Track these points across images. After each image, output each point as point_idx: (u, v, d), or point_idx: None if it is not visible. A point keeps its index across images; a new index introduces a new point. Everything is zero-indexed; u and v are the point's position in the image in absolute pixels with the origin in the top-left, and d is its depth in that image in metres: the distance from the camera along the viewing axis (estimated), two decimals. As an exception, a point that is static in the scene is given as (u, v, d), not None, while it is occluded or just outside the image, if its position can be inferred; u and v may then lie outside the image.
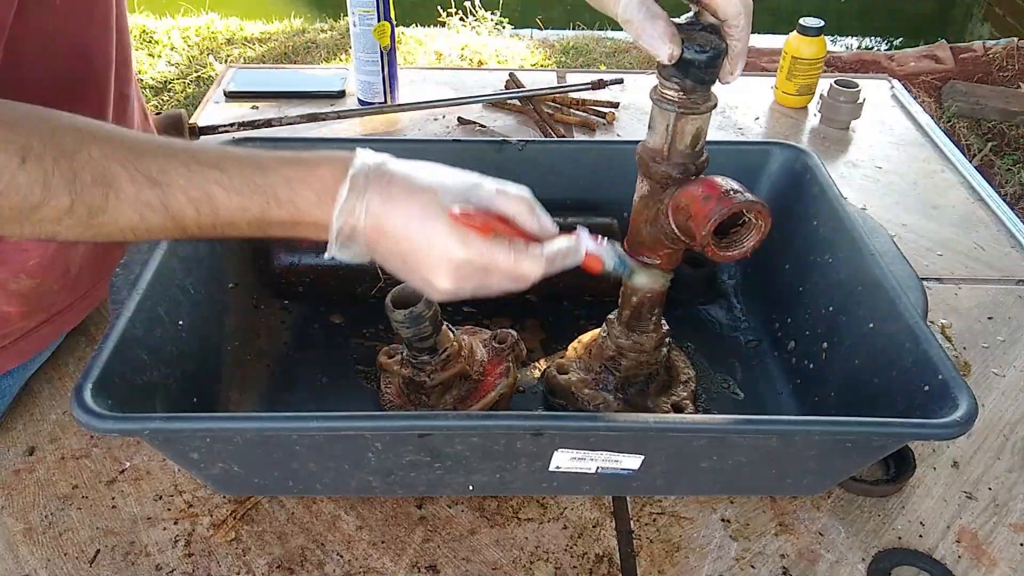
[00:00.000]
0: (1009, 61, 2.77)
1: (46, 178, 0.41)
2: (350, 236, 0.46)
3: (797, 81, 1.16)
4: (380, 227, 0.46)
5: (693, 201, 0.51)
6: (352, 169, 0.46)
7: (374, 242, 0.46)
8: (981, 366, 0.76)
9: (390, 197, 0.46)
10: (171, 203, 0.44)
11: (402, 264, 0.47)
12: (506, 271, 0.47)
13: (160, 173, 0.44)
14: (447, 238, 0.46)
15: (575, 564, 0.58)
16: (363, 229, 0.46)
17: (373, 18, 1.06)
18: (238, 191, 0.45)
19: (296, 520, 0.60)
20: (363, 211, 0.45)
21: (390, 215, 0.46)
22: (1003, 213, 0.97)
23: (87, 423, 0.48)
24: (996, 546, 0.60)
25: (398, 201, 0.46)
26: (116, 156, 0.43)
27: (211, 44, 2.99)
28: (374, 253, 0.48)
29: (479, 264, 0.46)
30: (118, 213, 0.44)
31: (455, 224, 0.46)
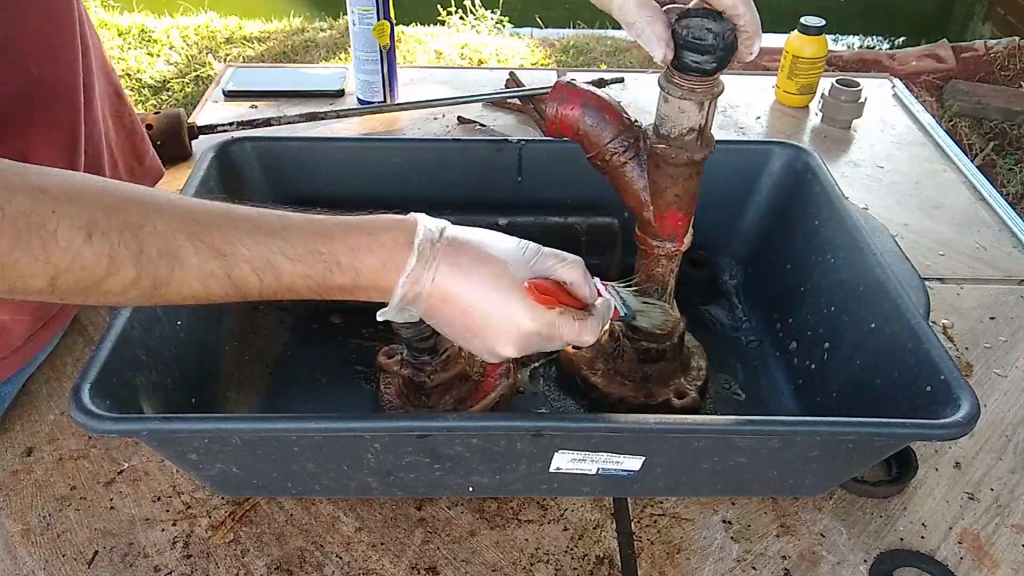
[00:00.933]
0: (1011, 60, 2.77)
1: (112, 252, 0.41)
2: (411, 302, 0.47)
3: (798, 80, 1.16)
4: (446, 295, 0.47)
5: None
6: (418, 238, 0.47)
7: (435, 309, 0.48)
8: (983, 366, 0.75)
9: (459, 266, 0.47)
10: (235, 273, 0.45)
11: (464, 332, 0.49)
12: (570, 340, 0.49)
13: (225, 244, 0.44)
14: (519, 311, 0.47)
15: (575, 566, 0.58)
16: (426, 296, 0.47)
17: (372, 17, 1.05)
18: (302, 259, 0.45)
19: (295, 521, 0.60)
20: (430, 280, 0.47)
21: (460, 284, 0.47)
22: (1005, 213, 0.97)
23: (85, 424, 0.48)
24: (998, 547, 0.60)
25: (469, 271, 0.47)
26: (181, 228, 0.44)
27: (210, 43, 2.98)
28: (432, 318, 0.49)
29: (546, 335, 0.48)
30: (182, 284, 0.44)
31: (526, 297, 0.47)
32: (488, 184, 0.79)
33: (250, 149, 0.77)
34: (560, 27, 3.32)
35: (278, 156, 0.78)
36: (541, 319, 0.48)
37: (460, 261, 0.47)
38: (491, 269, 0.47)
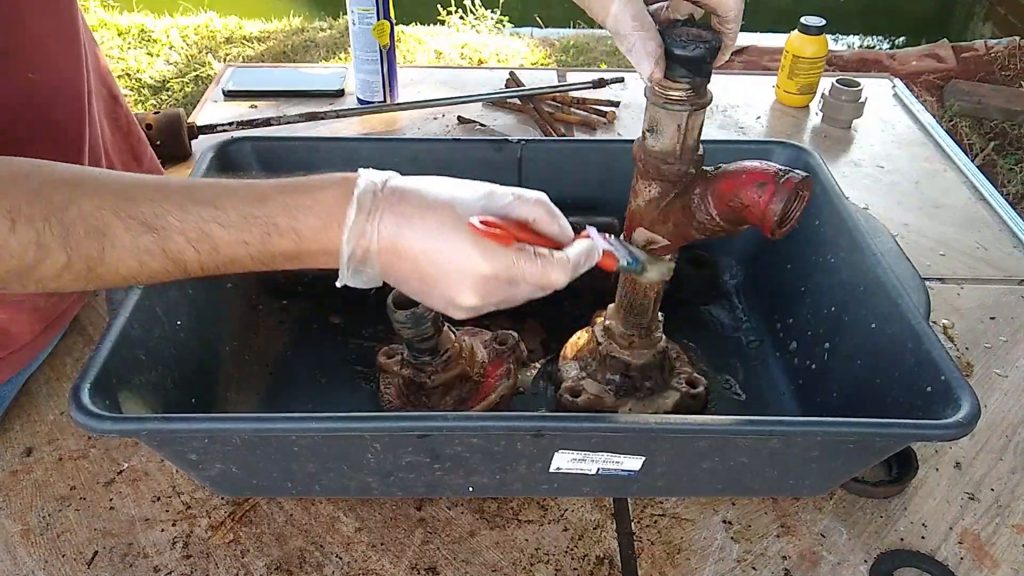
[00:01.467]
0: (1011, 60, 2.77)
1: (39, 239, 0.40)
2: (363, 260, 0.45)
3: (799, 80, 1.16)
4: (395, 248, 0.44)
5: (743, 189, 0.51)
6: (358, 189, 0.44)
7: (388, 264, 0.45)
8: (983, 367, 0.75)
9: (403, 215, 0.44)
10: (169, 247, 0.43)
11: (421, 285, 0.46)
12: (534, 281, 0.45)
13: (155, 217, 0.43)
14: (470, 252, 0.44)
15: (576, 566, 0.58)
16: (376, 252, 0.44)
17: (372, 17, 1.05)
18: (236, 226, 0.43)
19: (295, 522, 0.60)
20: (375, 232, 0.44)
21: (405, 234, 0.44)
22: (1005, 213, 0.97)
23: (85, 424, 0.48)
24: (998, 547, 0.60)
25: (413, 218, 0.44)
26: (108, 205, 0.42)
27: (210, 43, 2.98)
28: (389, 276, 0.46)
29: (505, 277, 0.45)
30: (117, 262, 0.43)
31: (477, 236, 0.44)
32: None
33: (250, 149, 0.77)
34: (560, 27, 3.32)
35: (278, 156, 0.78)
36: (497, 258, 0.44)
37: (404, 210, 0.44)
38: (437, 214, 0.44)
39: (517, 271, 0.45)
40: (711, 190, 0.53)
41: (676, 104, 0.51)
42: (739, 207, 0.52)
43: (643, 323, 0.62)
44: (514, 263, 0.44)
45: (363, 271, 0.45)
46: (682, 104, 0.51)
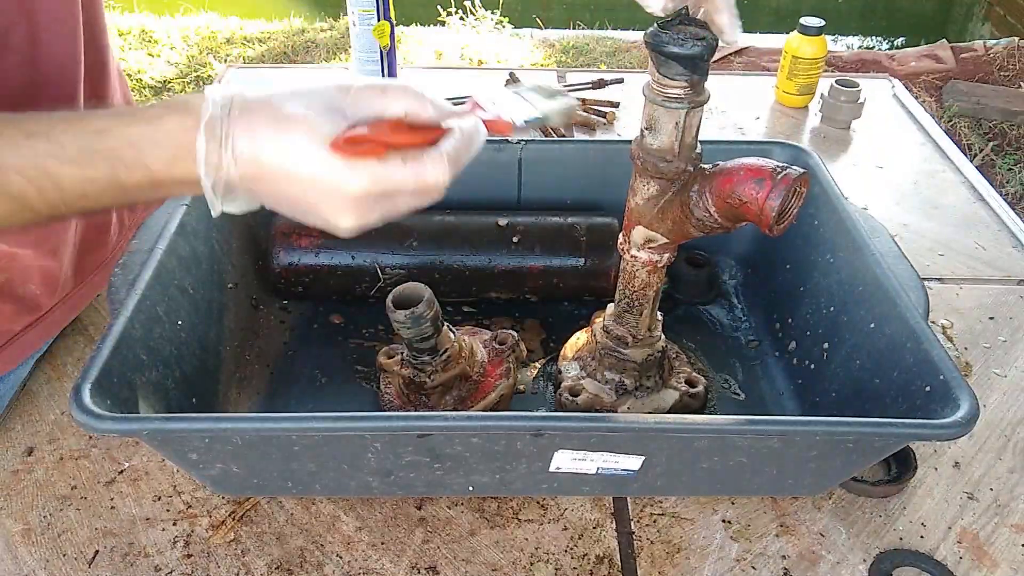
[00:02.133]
0: (1010, 61, 2.77)
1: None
2: (227, 189, 0.41)
3: (798, 81, 1.16)
4: (256, 173, 0.40)
5: (741, 186, 0.51)
6: (204, 115, 0.40)
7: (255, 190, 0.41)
8: (982, 366, 0.76)
9: (256, 136, 0.40)
10: (10, 187, 0.40)
11: (293, 209, 0.42)
12: (411, 187, 0.41)
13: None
14: (333, 173, 0.40)
15: (575, 565, 0.58)
16: (238, 178, 0.40)
17: (373, 18, 1.05)
18: (76, 161, 0.40)
19: (295, 521, 0.60)
20: (231, 160, 0.40)
21: (262, 156, 0.40)
22: (1004, 213, 0.97)
23: (85, 423, 0.48)
24: (997, 547, 0.60)
25: (268, 139, 0.40)
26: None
27: (211, 44, 2.99)
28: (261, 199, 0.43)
29: (379, 191, 0.41)
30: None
31: (342, 155, 0.40)
32: (488, 184, 0.79)
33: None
34: (560, 28, 3.33)
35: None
36: (365, 175, 0.40)
37: (255, 130, 0.40)
38: (292, 133, 0.40)
39: (388, 183, 0.41)
40: (709, 187, 0.53)
41: (674, 102, 0.52)
42: (737, 204, 0.52)
43: (642, 323, 0.63)
44: (383, 175, 0.40)
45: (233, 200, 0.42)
46: (680, 102, 0.51)
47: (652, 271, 0.59)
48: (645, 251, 0.58)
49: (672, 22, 0.50)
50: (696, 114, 0.52)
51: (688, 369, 0.68)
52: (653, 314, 0.63)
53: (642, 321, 0.62)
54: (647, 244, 0.57)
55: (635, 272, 0.60)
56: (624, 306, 0.62)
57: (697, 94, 0.52)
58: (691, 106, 0.52)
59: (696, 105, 0.52)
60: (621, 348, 0.63)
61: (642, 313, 0.62)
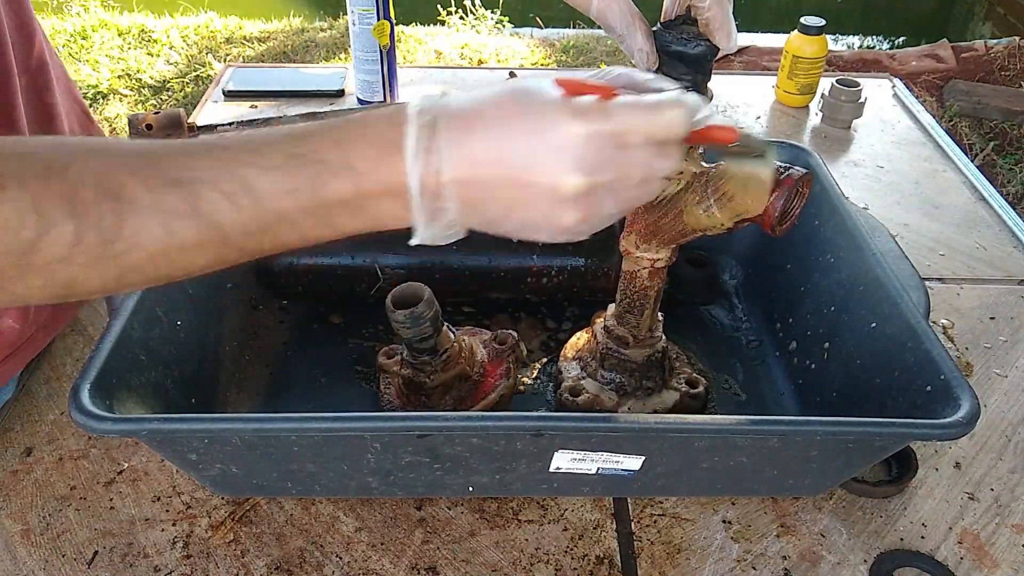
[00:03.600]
0: (1011, 60, 2.77)
1: (36, 202, 0.33)
2: (436, 193, 0.36)
3: (798, 80, 1.16)
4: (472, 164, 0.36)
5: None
6: (413, 107, 0.36)
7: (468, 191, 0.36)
8: (983, 366, 0.75)
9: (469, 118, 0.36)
10: (201, 203, 0.35)
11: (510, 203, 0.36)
12: (646, 129, 0.36)
13: (180, 169, 0.35)
14: (556, 116, 0.35)
15: (575, 566, 0.58)
16: (450, 177, 0.36)
17: (372, 17, 1.05)
18: (279, 167, 0.36)
19: (295, 522, 0.60)
20: (443, 147, 0.35)
21: (479, 140, 0.35)
22: (1005, 213, 0.97)
23: (85, 424, 0.48)
24: (998, 547, 0.60)
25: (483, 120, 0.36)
26: (121, 163, 0.35)
27: (210, 43, 2.99)
28: (471, 210, 0.37)
29: (611, 131, 0.36)
30: (140, 232, 0.35)
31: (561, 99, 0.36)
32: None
33: (250, 149, 0.77)
34: (560, 27, 3.33)
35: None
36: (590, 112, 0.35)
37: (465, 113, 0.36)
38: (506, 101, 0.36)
39: (620, 121, 0.36)
40: (717, 188, 0.53)
41: None
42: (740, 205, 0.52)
43: (643, 323, 0.62)
44: (613, 112, 0.36)
45: (440, 209, 0.37)
46: None
47: (653, 272, 0.59)
48: (646, 252, 0.58)
49: (674, 22, 0.50)
50: None
51: (688, 370, 0.68)
52: (654, 315, 0.63)
53: (643, 321, 0.62)
54: (648, 245, 0.57)
55: (636, 273, 0.60)
56: (625, 306, 0.62)
57: (700, 93, 0.51)
58: None
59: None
60: (622, 348, 0.63)
61: (643, 313, 0.62)
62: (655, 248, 0.57)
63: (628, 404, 0.64)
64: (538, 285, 0.77)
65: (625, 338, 0.63)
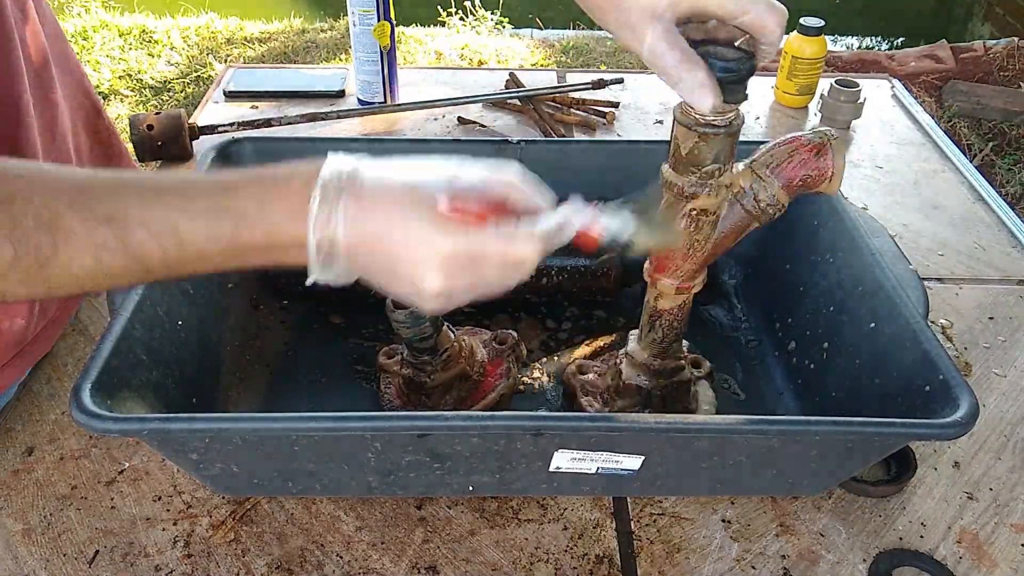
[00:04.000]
0: (1010, 61, 2.77)
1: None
2: (330, 252, 0.42)
3: (797, 81, 1.16)
4: (359, 236, 0.42)
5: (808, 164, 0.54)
6: (322, 178, 0.42)
7: (355, 255, 0.43)
8: (982, 366, 0.76)
9: (365, 200, 0.42)
10: (130, 240, 0.40)
11: (385, 274, 0.44)
12: (499, 257, 0.43)
13: (113, 208, 0.40)
14: (427, 231, 0.41)
15: (575, 565, 0.58)
16: (342, 242, 0.42)
17: (373, 18, 1.05)
18: (203, 216, 0.41)
19: (295, 521, 0.60)
20: (339, 220, 0.41)
21: (368, 220, 0.42)
22: (1004, 213, 0.97)
23: (86, 423, 0.48)
24: (997, 547, 0.60)
25: (375, 203, 0.42)
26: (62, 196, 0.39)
27: (211, 44, 2.99)
28: (357, 268, 0.44)
29: (467, 254, 0.42)
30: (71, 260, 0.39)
31: (436, 217, 0.42)
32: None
33: (251, 150, 0.77)
34: (560, 28, 3.33)
35: (279, 157, 0.76)
36: (455, 235, 0.42)
37: (366, 195, 0.42)
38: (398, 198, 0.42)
39: (478, 247, 0.42)
40: (775, 177, 0.54)
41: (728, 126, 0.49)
42: (807, 179, 0.54)
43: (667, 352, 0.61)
44: (474, 238, 0.42)
45: (332, 264, 0.43)
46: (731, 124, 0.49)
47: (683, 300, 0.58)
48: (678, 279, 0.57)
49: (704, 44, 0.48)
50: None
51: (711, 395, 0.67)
52: (678, 344, 0.62)
53: (667, 351, 0.61)
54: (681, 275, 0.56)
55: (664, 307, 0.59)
56: (649, 336, 0.61)
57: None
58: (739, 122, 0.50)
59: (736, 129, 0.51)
60: (643, 378, 0.62)
61: (665, 342, 0.61)
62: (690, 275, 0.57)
63: None
64: (538, 285, 0.77)
65: (648, 367, 0.62)
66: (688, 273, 0.57)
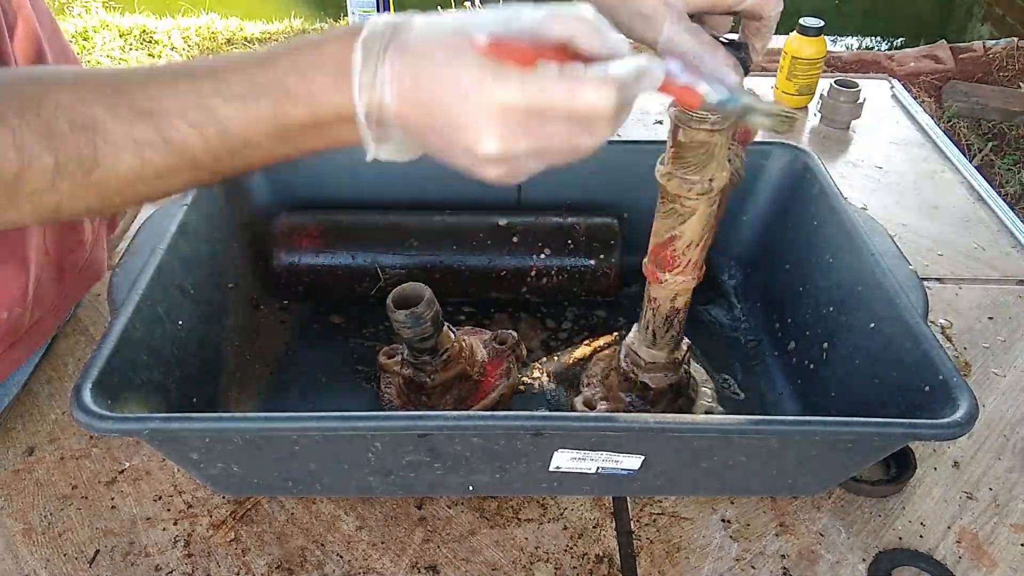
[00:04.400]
0: (1009, 61, 2.77)
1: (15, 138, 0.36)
2: (380, 120, 0.38)
3: (797, 81, 1.16)
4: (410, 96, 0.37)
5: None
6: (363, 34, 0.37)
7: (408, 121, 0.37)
8: (981, 366, 0.76)
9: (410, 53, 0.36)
10: (169, 133, 0.37)
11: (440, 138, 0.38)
12: (565, 107, 0.36)
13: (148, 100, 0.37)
14: (480, 79, 0.35)
15: (575, 565, 0.58)
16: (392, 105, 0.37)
17: (373, 18, 1.05)
18: (242, 97, 0.37)
19: (296, 521, 0.60)
20: (386, 78, 0.36)
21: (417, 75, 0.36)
22: (1003, 213, 0.97)
23: (86, 423, 0.48)
24: (997, 547, 0.60)
25: (421, 54, 0.36)
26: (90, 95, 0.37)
27: (211, 44, 2.99)
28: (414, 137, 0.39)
29: (527, 105, 0.35)
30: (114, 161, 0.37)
31: (486, 59, 0.35)
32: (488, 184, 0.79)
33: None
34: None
35: (279, 157, 0.78)
36: (511, 80, 0.35)
37: (409, 46, 0.37)
38: (446, 43, 0.36)
39: (539, 94, 0.35)
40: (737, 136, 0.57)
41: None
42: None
43: (664, 347, 0.62)
44: (533, 83, 0.35)
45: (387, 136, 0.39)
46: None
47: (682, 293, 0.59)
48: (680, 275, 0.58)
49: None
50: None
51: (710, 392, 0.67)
52: (679, 339, 0.62)
53: (665, 345, 0.62)
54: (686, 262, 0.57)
55: (661, 296, 0.59)
56: (648, 330, 0.61)
57: None
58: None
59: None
60: (641, 372, 0.63)
61: (665, 337, 0.61)
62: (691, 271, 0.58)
63: None
64: (538, 285, 0.77)
65: (645, 362, 0.62)
66: (695, 264, 0.58)
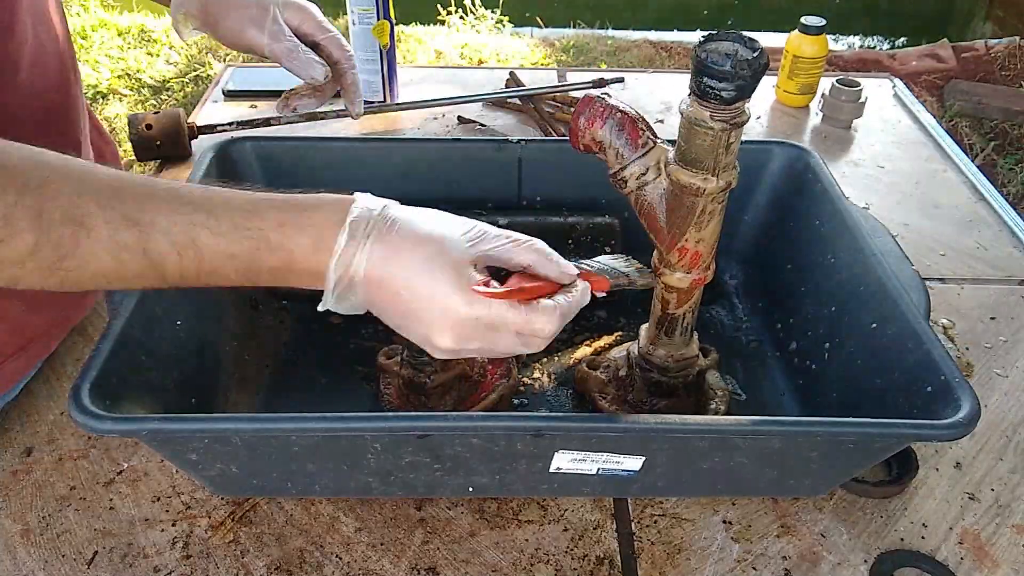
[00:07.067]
0: (1011, 60, 2.77)
1: (7, 212, 0.37)
2: (348, 287, 0.44)
3: (799, 80, 1.16)
4: (380, 278, 0.43)
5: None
6: (351, 215, 0.43)
7: (372, 294, 0.44)
8: (984, 367, 0.75)
9: (391, 246, 0.43)
10: (151, 247, 0.41)
11: (401, 319, 0.45)
12: (516, 330, 0.44)
13: (140, 212, 0.40)
14: (451, 294, 0.43)
15: (575, 566, 0.58)
16: (362, 280, 0.43)
17: (372, 16, 1.05)
18: (226, 235, 0.42)
19: (295, 522, 0.60)
20: (363, 261, 0.43)
21: (392, 266, 0.43)
22: (1006, 213, 0.97)
23: (85, 424, 0.48)
24: (999, 547, 0.60)
25: (401, 251, 0.43)
26: (91, 193, 0.40)
27: (210, 43, 2.98)
28: (372, 305, 0.45)
29: (485, 322, 0.43)
30: (90, 257, 0.40)
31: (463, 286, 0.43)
32: (488, 184, 0.79)
33: (250, 149, 0.77)
34: (560, 27, 3.32)
35: (278, 156, 0.78)
36: (481, 306, 0.43)
37: (393, 241, 0.43)
38: (424, 248, 0.43)
39: (498, 317, 0.43)
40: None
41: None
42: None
43: (675, 345, 0.62)
44: (496, 311, 0.43)
45: (347, 298, 0.44)
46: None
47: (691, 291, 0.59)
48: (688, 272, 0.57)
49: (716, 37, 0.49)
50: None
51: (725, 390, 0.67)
52: (691, 336, 0.62)
53: (676, 343, 0.62)
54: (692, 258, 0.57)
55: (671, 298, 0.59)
56: (657, 329, 0.61)
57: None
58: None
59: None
60: (653, 371, 0.62)
61: (674, 335, 0.61)
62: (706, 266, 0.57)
63: None
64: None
65: (658, 361, 0.62)
66: (706, 262, 0.57)
